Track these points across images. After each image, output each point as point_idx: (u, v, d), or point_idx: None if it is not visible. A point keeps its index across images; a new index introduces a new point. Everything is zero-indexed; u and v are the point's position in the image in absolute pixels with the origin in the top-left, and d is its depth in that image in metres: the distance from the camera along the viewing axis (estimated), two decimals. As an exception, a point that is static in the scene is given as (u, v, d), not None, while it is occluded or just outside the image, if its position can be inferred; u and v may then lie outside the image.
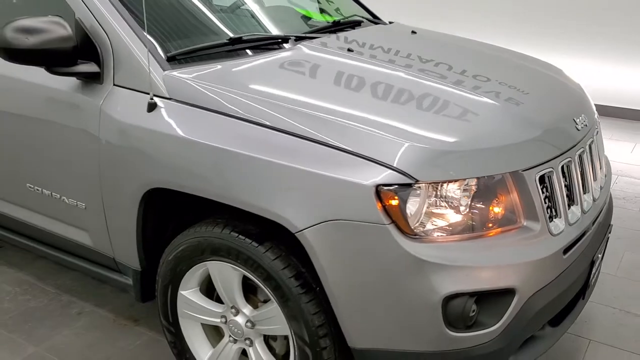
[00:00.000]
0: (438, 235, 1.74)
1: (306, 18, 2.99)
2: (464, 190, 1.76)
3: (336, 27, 2.77)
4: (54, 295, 3.02)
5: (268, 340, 2.14)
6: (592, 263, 2.13)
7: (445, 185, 1.73)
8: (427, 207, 1.73)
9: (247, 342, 2.13)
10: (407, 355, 1.81)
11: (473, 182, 1.76)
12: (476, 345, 1.79)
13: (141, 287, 2.34)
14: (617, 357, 2.54)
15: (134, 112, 2.06)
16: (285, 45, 2.42)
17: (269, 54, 2.32)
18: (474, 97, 2.09)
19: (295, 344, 1.95)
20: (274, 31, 2.66)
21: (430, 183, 1.71)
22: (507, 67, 2.63)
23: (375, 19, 3.13)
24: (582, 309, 2.20)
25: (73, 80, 2.22)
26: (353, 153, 1.73)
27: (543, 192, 1.87)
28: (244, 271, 1.98)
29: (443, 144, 1.78)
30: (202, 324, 2.27)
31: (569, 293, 2.01)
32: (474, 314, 1.76)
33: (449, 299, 1.71)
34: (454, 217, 1.76)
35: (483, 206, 1.79)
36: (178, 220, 2.23)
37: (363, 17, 3.04)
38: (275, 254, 1.90)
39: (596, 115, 2.44)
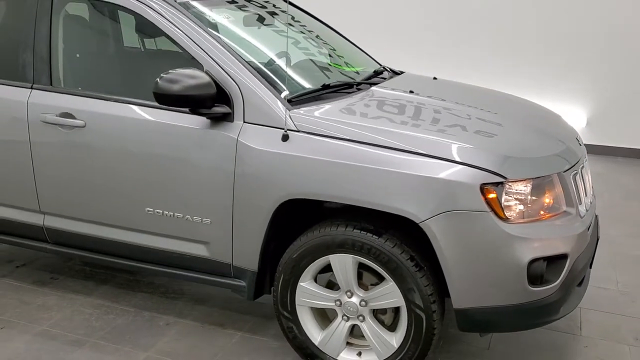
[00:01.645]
0: (517, 218, 2.48)
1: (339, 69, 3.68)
2: (531, 186, 2.51)
3: (377, 75, 3.49)
4: (135, 312, 3.40)
5: (376, 314, 2.74)
6: (597, 240, 2.96)
7: (521, 182, 2.48)
8: (511, 198, 2.47)
9: (360, 318, 2.72)
10: (496, 309, 2.51)
11: (537, 180, 2.52)
12: (544, 297, 2.52)
13: (255, 286, 2.87)
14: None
15: (269, 141, 2.65)
16: (358, 88, 3.10)
17: (355, 94, 3.00)
18: (515, 123, 2.89)
19: (409, 311, 2.57)
20: (337, 79, 3.31)
21: (514, 181, 2.45)
22: (522, 106, 3.44)
23: (390, 69, 3.87)
24: (589, 276, 3.01)
25: (202, 120, 2.76)
26: (458, 162, 2.44)
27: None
28: (364, 259, 2.59)
29: (521, 153, 2.56)
30: (311, 310, 2.82)
31: (588, 259, 2.81)
32: (544, 273, 2.50)
33: (531, 262, 2.44)
34: (526, 205, 2.51)
35: (542, 197, 2.55)
36: (289, 226, 2.80)
37: (384, 68, 3.78)
38: (392, 242, 2.55)
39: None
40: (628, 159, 6.66)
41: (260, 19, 3.42)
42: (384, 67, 3.74)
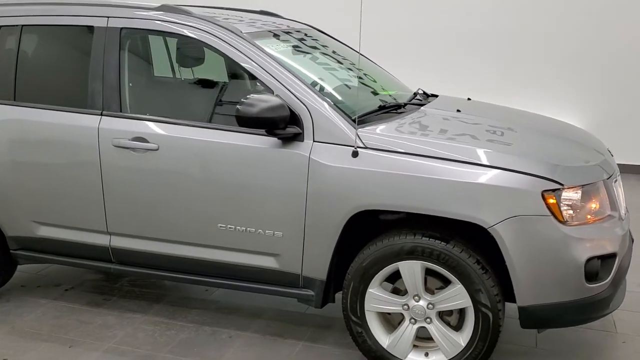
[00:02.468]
0: (573, 222, 2.74)
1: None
2: (582, 192, 2.78)
3: (415, 97, 3.75)
4: (195, 327, 3.55)
5: (442, 316, 2.95)
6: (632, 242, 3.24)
7: (574, 188, 2.74)
8: (567, 203, 2.73)
9: (427, 320, 2.93)
10: (557, 305, 2.75)
11: (586, 186, 2.79)
12: (598, 293, 2.78)
13: (323, 295, 3.06)
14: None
15: (340, 158, 2.87)
16: (408, 108, 3.35)
17: (407, 114, 3.25)
18: (558, 138, 3.18)
19: (477, 311, 2.79)
20: (378, 101, 3.55)
21: (569, 187, 2.72)
22: (556, 123, 3.72)
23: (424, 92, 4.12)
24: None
25: (272, 140, 2.97)
26: (520, 172, 2.70)
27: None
28: (432, 265, 2.81)
29: (571, 163, 2.83)
30: (377, 315, 3.01)
31: (629, 260, 3.08)
32: (599, 271, 2.76)
33: (588, 261, 2.70)
34: (579, 209, 2.77)
35: (590, 201, 2.82)
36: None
37: (419, 91, 4.04)
38: (459, 248, 2.78)
39: None
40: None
41: (305, 49, 3.66)
42: (418, 91, 4.00)
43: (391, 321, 3.07)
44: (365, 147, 2.87)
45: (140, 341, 3.39)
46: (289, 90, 2.98)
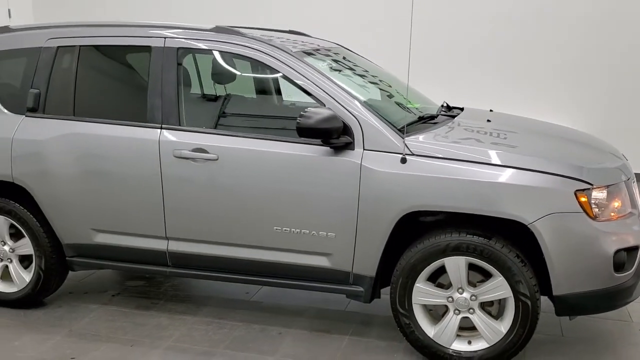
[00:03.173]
0: (601, 218, 3.06)
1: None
2: (607, 191, 3.11)
3: (442, 109, 4.06)
4: (244, 325, 3.79)
5: (483, 306, 3.24)
6: None
7: (601, 188, 3.07)
8: (596, 201, 3.05)
9: (470, 311, 3.22)
10: (588, 293, 3.06)
11: (611, 186, 3.12)
12: (624, 282, 3.10)
13: (372, 290, 3.34)
14: None
15: (390, 164, 3.16)
16: (441, 119, 3.67)
17: (441, 124, 3.56)
18: (582, 145, 3.52)
19: (517, 300, 3.09)
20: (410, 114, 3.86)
21: (597, 187, 3.05)
22: (575, 132, 4.05)
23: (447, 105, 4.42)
24: None
25: (324, 149, 3.25)
26: (555, 174, 3.02)
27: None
28: (476, 260, 3.11)
29: (597, 166, 3.16)
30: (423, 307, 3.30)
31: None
32: (625, 261, 3.08)
33: (616, 253, 3.02)
34: (605, 207, 3.09)
35: (614, 200, 3.15)
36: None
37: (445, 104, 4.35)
38: (500, 244, 3.09)
39: None
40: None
41: (340, 66, 3.95)
42: (443, 103, 4.32)
43: (434, 313, 3.35)
44: (413, 154, 3.17)
45: (196, 339, 3.62)
46: (340, 104, 3.27)
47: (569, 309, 3.13)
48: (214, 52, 3.61)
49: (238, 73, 3.75)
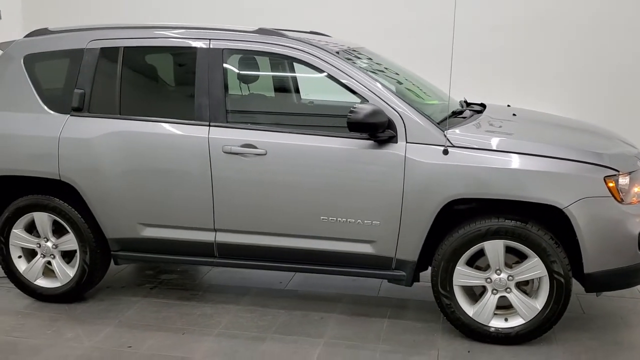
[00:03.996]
0: (626, 201, 3.36)
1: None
2: (630, 177, 3.41)
3: (467, 105, 4.33)
4: (287, 312, 3.98)
5: (519, 285, 3.51)
6: None
7: (625, 174, 3.37)
8: (622, 186, 3.35)
9: (507, 290, 3.49)
10: (615, 270, 3.36)
11: (632, 173, 3.42)
12: (645, 259, 3.41)
13: (413, 274, 3.58)
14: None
15: (432, 156, 3.40)
16: (468, 114, 3.93)
17: (471, 119, 3.81)
18: (602, 136, 3.82)
19: (552, 279, 3.37)
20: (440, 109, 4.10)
21: (622, 173, 3.34)
22: (592, 125, 4.33)
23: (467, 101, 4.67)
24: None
25: (367, 142, 3.47)
26: (586, 162, 3.30)
27: None
28: (513, 242, 3.38)
29: (622, 153, 3.46)
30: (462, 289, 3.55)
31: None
32: (645, 240, 3.39)
33: (640, 233, 3.33)
34: (628, 192, 3.39)
35: (635, 185, 3.44)
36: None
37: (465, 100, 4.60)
38: (536, 227, 3.36)
39: None
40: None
41: (372, 65, 4.18)
42: (463, 100, 4.58)
43: (468, 294, 3.60)
44: (453, 146, 3.41)
45: (244, 326, 3.81)
46: (383, 100, 3.50)
47: (598, 286, 3.42)
48: (258, 52, 3.79)
49: (280, 73, 3.94)
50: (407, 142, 3.46)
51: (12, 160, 3.94)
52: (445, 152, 3.40)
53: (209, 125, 3.68)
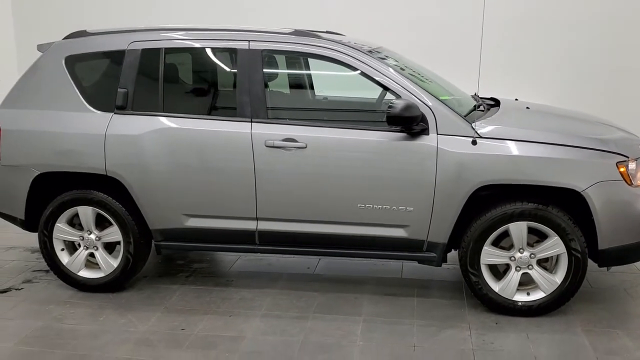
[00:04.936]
0: (634, 184, 3.75)
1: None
2: (636, 162, 3.80)
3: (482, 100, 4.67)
4: (320, 294, 4.27)
5: (539, 262, 3.87)
6: None
7: (633, 160, 3.76)
8: (631, 170, 3.73)
9: (529, 267, 3.85)
10: (626, 246, 3.75)
11: (638, 159, 3.82)
12: (651, 233, 3.82)
13: (442, 255, 3.92)
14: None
15: (462, 146, 3.73)
16: (485, 107, 4.27)
17: (490, 112, 4.16)
18: (609, 127, 4.21)
19: (570, 255, 3.74)
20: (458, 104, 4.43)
21: (631, 159, 3.73)
22: (596, 117, 4.72)
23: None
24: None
25: (401, 135, 3.78)
26: (599, 149, 3.68)
27: None
28: (536, 224, 3.74)
29: (629, 141, 3.85)
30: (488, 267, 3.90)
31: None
32: (652, 217, 3.79)
33: (647, 210, 3.74)
34: (634, 175, 3.78)
35: (640, 170, 3.85)
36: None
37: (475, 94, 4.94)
38: (556, 209, 3.73)
39: None
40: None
41: (399, 64, 4.47)
42: (476, 94, 4.91)
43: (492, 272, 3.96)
44: (481, 137, 3.75)
45: (285, 307, 4.09)
46: (414, 96, 3.81)
47: (611, 261, 3.81)
48: (295, 53, 4.06)
49: (316, 71, 4.21)
50: (437, 134, 3.78)
51: (58, 157, 4.13)
52: (474, 142, 3.73)
53: (251, 122, 3.94)
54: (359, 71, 3.91)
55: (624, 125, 4.53)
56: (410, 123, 3.70)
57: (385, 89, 3.89)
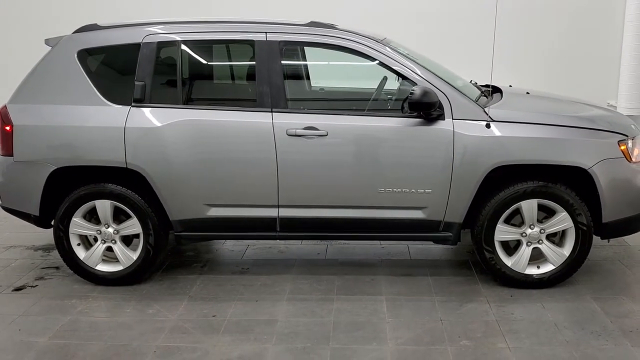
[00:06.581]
0: (634, 161, 4.05)
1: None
2: (633, 141, 4.10)
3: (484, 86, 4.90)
4: (338, 277, 4.42)
5: (548, 237, 4.13)
6: None
7: (632, 139, 4.06)
8: (629, 148, 4.03)
9: (539, 241, 4.11)
10: (628, 219, 4.06)
11: (635, 138, 4.11)
12: (648, 207, 4.13)
13: (458, 234, 4.13)
14: None
15: (477, 130, 3.95)
16: (489, 93, 4.51)
17: (499, 98, 4.39)
18: (605, 109, 4.50)
19: (577, 229, 4.01)
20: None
21: (630, 138, 4.03)
22: (593, 103, 5.01)
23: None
24: None
25: (416, 120, 3.97)
26: (602, 130, 3.96)
27: None
28: (545, 200, 4.00)
29: (625, 122, 4.15)
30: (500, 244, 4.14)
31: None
32: (649, 192, 4.11)
33: (646, 185, 4.05)
34: (633, 153, 4.08)
35: (638, 147, 4.14)
36: None
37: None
38: (564, 187, 4.00)
39: None
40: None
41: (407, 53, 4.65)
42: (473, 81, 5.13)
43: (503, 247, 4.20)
44: (493, 120, 3.97)
45: (307, 291, 4.22)
46: (430, 83, 4.00)
47: (612, 232, 4.11)
48: (312, 44, 4.18)
49: (331, 62, 4.35)
50: (453, 119, 3.98)
51: (76, 151, 4.12)
52: (488, 125, 3.95)
53: (272, 111, 4.04)
54: (377, 61, 4.06)
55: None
56: (429, 108, 3.89)
57: (403, 77, 4.07)
